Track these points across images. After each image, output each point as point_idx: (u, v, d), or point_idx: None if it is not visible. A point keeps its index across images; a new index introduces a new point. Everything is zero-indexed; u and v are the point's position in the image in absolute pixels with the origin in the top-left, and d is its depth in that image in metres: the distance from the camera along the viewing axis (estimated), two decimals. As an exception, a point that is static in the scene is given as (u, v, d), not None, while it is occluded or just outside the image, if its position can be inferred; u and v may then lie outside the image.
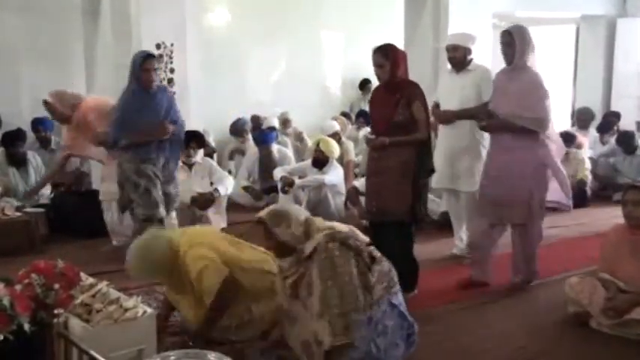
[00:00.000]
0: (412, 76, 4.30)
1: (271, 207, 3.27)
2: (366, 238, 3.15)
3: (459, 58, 4.87)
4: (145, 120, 4.65)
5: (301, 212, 3.24)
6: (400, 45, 5.46)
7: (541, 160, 4.20)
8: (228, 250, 3.51)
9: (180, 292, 3.50)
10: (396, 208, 3.98)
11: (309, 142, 7.26)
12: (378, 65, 4.06)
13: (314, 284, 2.94)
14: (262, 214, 3.15)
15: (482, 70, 4.91)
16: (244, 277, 3.44)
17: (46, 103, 5.34)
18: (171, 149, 4.86)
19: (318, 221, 3.17)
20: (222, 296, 3.32)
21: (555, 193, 4.61)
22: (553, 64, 10.57)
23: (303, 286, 3.01)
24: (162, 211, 4.74)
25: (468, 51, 4.88)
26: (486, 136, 4.62)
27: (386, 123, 4.04)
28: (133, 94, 4.67)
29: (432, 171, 4.26)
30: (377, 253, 3.11)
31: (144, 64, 4.58)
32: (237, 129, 7.70)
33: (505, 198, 4.18)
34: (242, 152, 7.52)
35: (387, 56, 4.02)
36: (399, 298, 3.08)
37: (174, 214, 5.31)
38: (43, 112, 6.85)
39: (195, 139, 5.84)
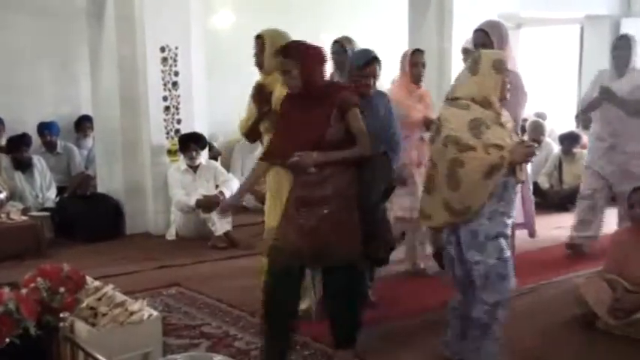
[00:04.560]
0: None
1: None
2: None
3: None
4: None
5: None
6: (405, 47, 5.46)
7: None
8: None
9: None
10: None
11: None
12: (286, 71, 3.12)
13: None
14: None
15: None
16: None
17: None
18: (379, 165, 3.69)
19: None
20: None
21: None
22: (557, 65, 10.55)
23: None
24: None
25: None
26: None
27: (312, 145, 3.05)
28: None
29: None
30: None
31: (364, 69, 3.83)
32: None
33: None
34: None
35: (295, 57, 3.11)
36: None
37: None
38: (48, 117, 6.91)
39: (195, 141, 5.84)
